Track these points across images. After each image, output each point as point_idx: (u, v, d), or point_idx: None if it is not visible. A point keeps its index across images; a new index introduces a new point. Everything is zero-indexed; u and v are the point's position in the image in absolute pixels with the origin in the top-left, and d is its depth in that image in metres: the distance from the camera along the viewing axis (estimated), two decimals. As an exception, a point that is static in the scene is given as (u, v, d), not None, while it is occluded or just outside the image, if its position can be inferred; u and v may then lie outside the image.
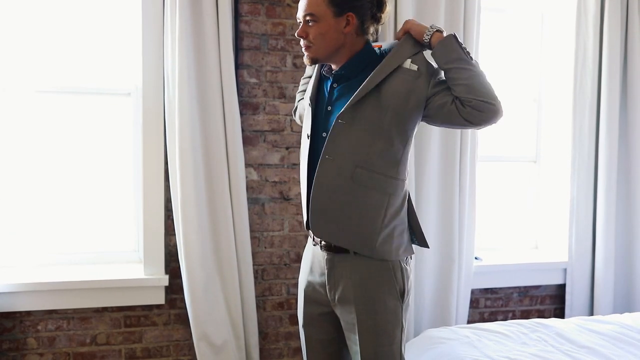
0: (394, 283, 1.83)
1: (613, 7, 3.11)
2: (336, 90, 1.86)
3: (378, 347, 1.81)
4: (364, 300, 1.81)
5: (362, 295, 1.81)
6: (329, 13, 1.76)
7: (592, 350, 2.41)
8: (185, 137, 2.61)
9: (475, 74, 1.72)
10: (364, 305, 1.81)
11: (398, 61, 1.77)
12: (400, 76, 1.76)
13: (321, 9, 1.76)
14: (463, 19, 2.92)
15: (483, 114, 1.71)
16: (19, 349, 2.68)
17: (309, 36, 1.79)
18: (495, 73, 3.36)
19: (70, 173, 2.84)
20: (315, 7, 1.76)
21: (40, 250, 2.82)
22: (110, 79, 2.85)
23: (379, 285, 1.82)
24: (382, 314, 1.81)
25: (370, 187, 1.78)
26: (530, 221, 3.51)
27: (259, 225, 2.87)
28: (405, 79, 1.75)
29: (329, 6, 1.76)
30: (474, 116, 1.71)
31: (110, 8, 2.82)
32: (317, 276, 1.91)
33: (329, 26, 1.77)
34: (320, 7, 1.76)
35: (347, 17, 1.78)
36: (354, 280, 1.82)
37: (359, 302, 1.81)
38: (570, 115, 3.22)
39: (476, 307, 3.23)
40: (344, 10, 1.77)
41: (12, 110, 2.75)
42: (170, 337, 2.83)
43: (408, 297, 1.87)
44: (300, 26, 1.81)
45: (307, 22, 1.78)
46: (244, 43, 2.79)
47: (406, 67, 1.76)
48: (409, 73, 1.76)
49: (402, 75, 1.76)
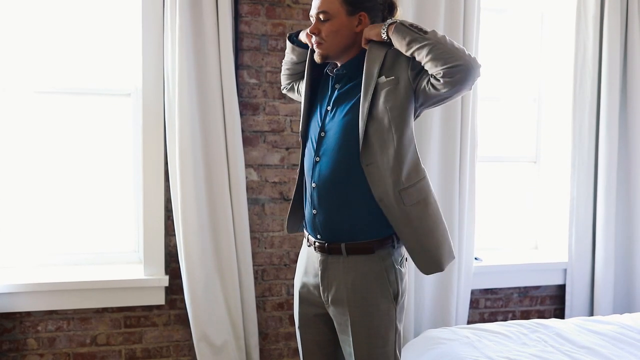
0: (387, 285, 1.82)
1: (613, 7, 3.11)
2: (337, 91, 1.86)
3: (371, 348, 1.81)
4: (356, 301, 1.81)
5: (355, 297, 1.81)
6: (342, 11, 1.78)
7: (592, 350, 2.41)
8: (185, 137, 2.61)
9: (433, 45, 1.67)
10: (357, 307, 1.81)
11: (373, 77, 1.77)
12: (384, 90, 1.76)
13: (335, 7, 1.78)
14: (463, 19, 2.92)
15: (456, 78, 1.66)
16: (19, 350, 2.68)
17: (322, 33, 1.81)
18: (496, 73, 3.37)
19: (70, 174, 2.84)
20: (329, 5, 1.78)
21: (41, 250, 2.82)
22: (110, 79, 2.85)
23: (371, 287, 1.81)
24: (375, 316, 1.81)
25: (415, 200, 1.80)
26: (530, 221, 3.51)
27: (259, 226, 2.87)
28: (389, 89, 1.76)
29: (343, 4, 1.78)
30: (451, 84, 1.67)
31: (110, 8, 2.82)
32: (312, 277, 1.91)
33: (341, 24, 1.79)
34: (334, 5, 1.78)
35: (360, 16, 1.80)
36: (346, 282, 1.82)
37: (352, 304, 1.81)
38: (570, 116, 3.22)
39: (476, 308, 3.23)
40: (357, 9, 1.79)
41: (12, 111, 2.75)
42: (170, 338, 2.83)
43: (402, 298, 1.86)
44: (313, 23, 1.82)
45: (320, 19, 1.80)
46: (244, 44, 2.79)
47: (382, 82, 1.77)
48: (390, 83, 1.76)
49: (385, 88, 1.76)
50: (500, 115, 3.42)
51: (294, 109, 2.86)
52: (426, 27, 1.74)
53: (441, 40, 1.68)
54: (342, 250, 1.82)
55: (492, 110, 3.40)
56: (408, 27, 1.72)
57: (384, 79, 1.76)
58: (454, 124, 2.92)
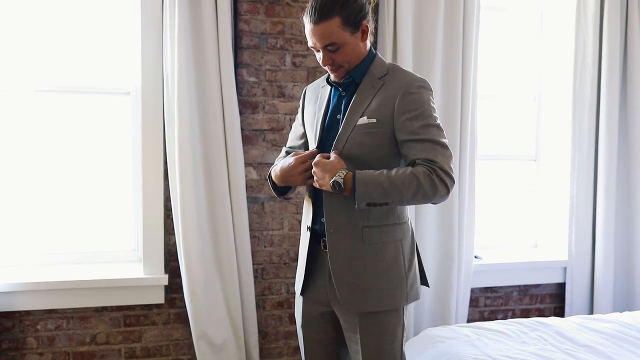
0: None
1: (612, 5, 3.11)
2: (345, 99, 1.85)
3: (380, 346, 1.81)
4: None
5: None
6: (347, 35, 1.74)
7: (592, 348, 2.41)
8: (184, 136, 2.61)
9: (397, 199, 1.69)
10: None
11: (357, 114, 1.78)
12: (361, 130, 1.77)
13: (339, 35, 1.73)
14: (462, 17, 2.92)
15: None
16: (19, 349, 2.68)
17: (335, 62, 1.78)
18: (495, 71, 3.37)
19: (70, 172, 2.84)
20: (333, 36, 1.73)
21: (40, 249, 2.82)
22: (109, 78, 2.84)
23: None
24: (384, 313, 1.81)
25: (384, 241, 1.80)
26: (530, 220, 3.51)
27: (258, 225, 2.87)
28: (369, 132, 1.76)
29: (345, 29, 1.73)
30: None
31: (109, 7, 2.82)
32: (318, 276, 1.90)
33: (352, 45, 1.76)
34: (338, 33, 1.73)
35: (362, 28, 1.78)
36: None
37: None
38: (570, 114, 3.22)
39: (476, 306, 3.23)
40: (359, 24, 1.76)
41: (11, 110, 2.75)
42: (170, 337, 2.83)
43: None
44: (322, 54, 1.77)
45: (329, 50, 1.76)
46: (243, 42, 2.79)
47: (363, 123, 1.76)
48: (370, 126, 1.76)
49: (363, 130, 1.76)
50: (500, 114, 3.42)
51: (293, 108, 2.86)
52: (390, 194, 1.68)
53: (399, 195, 1.67)
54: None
55: (492, 109, 3.39)
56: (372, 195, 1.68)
57: (366, 119, 1.76)
58: (454, 122, 2.92)
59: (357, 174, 1.68)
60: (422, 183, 1.65)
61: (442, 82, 2.92)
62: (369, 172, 1.70)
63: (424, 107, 1.74)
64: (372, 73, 1.81)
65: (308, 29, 1.76)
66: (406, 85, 1.75)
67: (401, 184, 1.66)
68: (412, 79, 1.78)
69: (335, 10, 1.71)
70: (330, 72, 1.84)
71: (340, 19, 1.71)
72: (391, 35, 2.83)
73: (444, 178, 1.68)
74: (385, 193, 1.67)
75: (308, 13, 1.74)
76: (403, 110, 1.73)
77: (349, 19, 1.72)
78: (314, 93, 1.96)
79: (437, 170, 1.68)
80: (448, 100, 2.93)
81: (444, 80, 2.93)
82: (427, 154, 1.70)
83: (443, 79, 2.93)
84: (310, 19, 1.73)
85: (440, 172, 1.68)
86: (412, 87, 1.75)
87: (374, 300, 1.79)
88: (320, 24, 1.71)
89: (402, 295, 1.81)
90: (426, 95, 1.77)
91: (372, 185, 1.66)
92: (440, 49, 2.91)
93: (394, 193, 1.67)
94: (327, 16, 1.70)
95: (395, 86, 1.76)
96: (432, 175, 1.66)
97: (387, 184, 1.66)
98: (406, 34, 2.83)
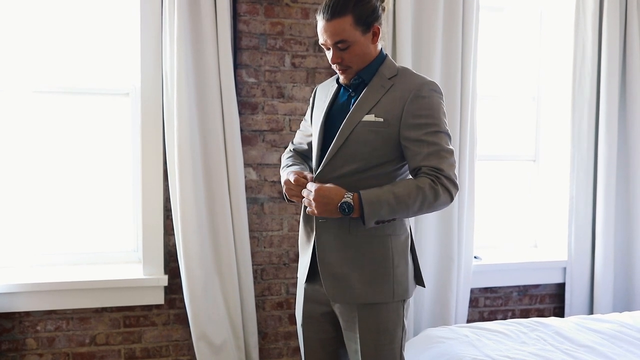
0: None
1: (612, 5, 3.11)
2: (354, 99, 1.85)
3: (379, 346, 1.81)
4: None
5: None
6: (358, 34, 1.76)
7: (592, 349, 2.41)
8: (184, 136, 2.61)
9: (404, 214, 1.72)
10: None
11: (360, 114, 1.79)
12: (367, 127, 1.77)
13: (351, 33, 1.75)
14: (462, 17, 2.92)
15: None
16: (19, 350, 2.68)
17: (345, 61, 1.79)
18: (494, 72, 3.37)
19: (69, 173, 2.84)
20: (345, 33, 1.74)
21: (40, 250, 2.82)
22: (108, 79, 2.84)
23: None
24: (384, 313, 1.81)
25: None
26: (529, 220, 3.51)
27: (258, 225, 2.87)
28: (374, 130, 1.76)
29: (356, 28, 1.75)
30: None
31: (108, 8, 2.82)
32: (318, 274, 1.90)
33: (362, 46, 1.78)
34: (349, 31, 1.74)
35: (373, 29, 1.79)
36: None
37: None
38: (569, 114, 3.22)
39: (475, 306, 3.23)
40: (370, 25, 1.78)
41: (10, 111, 2.75)
42: (170, 337, 2.83)
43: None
44: (332, 52, 1.79)
45: (339, 48, 1.77)
46: (243, 43, 2.79)
47: (369, 120, 1.77)
48: (376, 124, 1.77)
49: (368, 128, 1.77)
50: (499, 114, 3.42)
51: (292, 108, 2.86)
52: (398, 209, 1.70)
53: (403, 208, 1.69)
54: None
55: (491, 109, 3.39)
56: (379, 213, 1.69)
57: (374, 116, 1.77)
58: (453, 122, 2.92)
59: (362, 194, 1.69)
60: (427, 195, 1.68)
61: (441, 82, 2.92)
62: (374, 191, 1.70)
63: (435, 112, 1.76)
64: (381, 73, 1.82)
65: (320, 26, 1.78)
66: (417, 88, 1.76)
67: (407, 198, 1.68)
68: (423, 81, 1.79)
69: (348, 8, 1.73)
70: (339, 73, 1.85)
71: (353, 17, 1.74)
72: (390, 36, 2.83)
73: (448, 186, 1.70)
74: (393, 210, 1.69)
75: (321, 10, 1.77)
76: (413, 113, 1.74)
77: (361, 19, 1.75)
78: (324, 92, 1.97)
79: (442, 178, 1.70)
80: (447, 100, 2.92)
81: (444, 81, 2.93)
82: (433, 161, 1.71)
83: (442, 79, 2.93)
84: (323, 16, 1.76)
85: (444, 180, 1.70)
86: (424, 91, 1.76)
87: (357, 292, 1.80)
88: (333, 21, 1.74)
89: (389, 291, 1.81)
90: (437, 99, 1.78)
91: (379, 204, 1.68)
92: (440, 49, 2.92)
93: (400, 208, 1.69)
94: (340, 13, 1.73)
95: (405, 88, 1.77)
96: (436, 185, 1.69)
97: (393, 201, 1.68)
98: (405, 34, 2.83)
